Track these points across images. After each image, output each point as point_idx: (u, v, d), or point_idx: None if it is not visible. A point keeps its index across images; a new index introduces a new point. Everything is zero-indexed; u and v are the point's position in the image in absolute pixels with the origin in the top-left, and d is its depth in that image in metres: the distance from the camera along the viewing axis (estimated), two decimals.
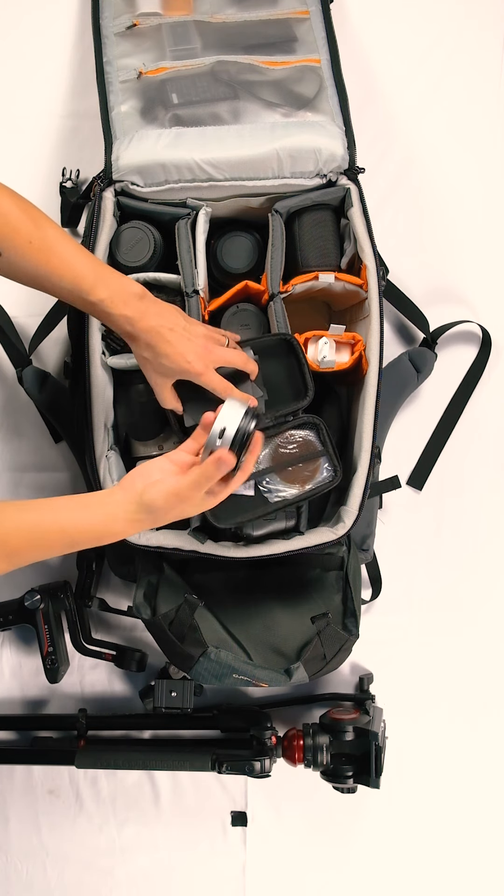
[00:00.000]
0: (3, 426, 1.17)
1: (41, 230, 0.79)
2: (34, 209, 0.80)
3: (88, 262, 0.81)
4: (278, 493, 0.91)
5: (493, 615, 1.15)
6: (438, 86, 1.22)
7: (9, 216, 0.77)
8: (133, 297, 0.82)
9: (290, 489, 0.92)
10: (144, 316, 0.82)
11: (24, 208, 0.79)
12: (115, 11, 1.09)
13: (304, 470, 0.92)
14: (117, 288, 0.82)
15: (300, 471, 0.92)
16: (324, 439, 0.93)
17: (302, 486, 0.92)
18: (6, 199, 0.77)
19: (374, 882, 1.13)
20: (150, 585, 0.99)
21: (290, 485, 0.92)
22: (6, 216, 0.77)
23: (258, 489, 0.92)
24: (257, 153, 0.99)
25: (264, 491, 0.92)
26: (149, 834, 1.14)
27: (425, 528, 1.16)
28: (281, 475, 0.92)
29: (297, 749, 1.02)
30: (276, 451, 0.92)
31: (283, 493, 0.92)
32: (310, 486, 0.92)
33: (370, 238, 0.99)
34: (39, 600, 1.05)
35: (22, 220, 0.78)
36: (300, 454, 0.92)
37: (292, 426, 0.93)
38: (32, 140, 1.21)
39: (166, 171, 1.00)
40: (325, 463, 0.92)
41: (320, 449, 0.93)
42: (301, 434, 0.93)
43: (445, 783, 1.13)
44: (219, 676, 0.93)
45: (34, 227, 0.78)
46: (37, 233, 0.78)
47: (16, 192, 0.80)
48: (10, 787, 1.14)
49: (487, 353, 1.16)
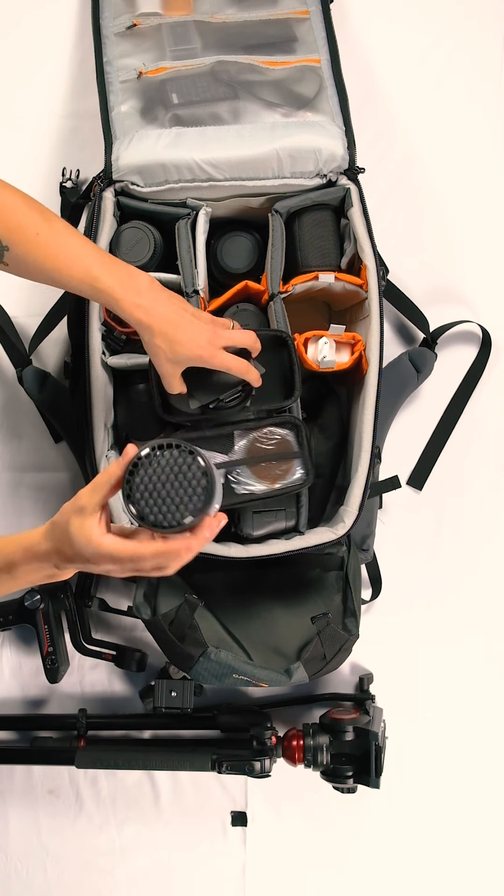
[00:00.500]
0: (3, 426, 1.17)
1: (48, 222, 0.79)
2: (39, 204, 0.80)
3: (96, 253, 0.81)
4: (246, 487, 0.91)
5: (494, 615, 1.15)
6: (438, 86, 1.22)
7: (15, 210, 0.77)
8: (143, 286, 0.82)
9: (259, 485, 0.91)
10: (155, 304, 0.82)
11: (29, 203, 0.79)
12: (115, 11, 1.09)
13: (277, 468, 0.92)
14: (125, 277, 0.82)
15: (273, 468, 0.92)
16: (301, 441, 0.92)
17: (272, 483, 0.91)
18: (11, 194, 0.77)
19: (374, 882, 1.13)
20: (151, 585, 0.99)
21: (260, 480, 0.91)
22: (12, 210, 0.77)
23: (227, 479, 0.91)
24: (257, 153, 0.99)
25: (233, 482, 0.91)
26: (149, 834, 1.14)
27: (425, 528, 1.16)
28: (252, 469, 0.91)
29: (297, 749, 1.02)
30: (253, 444, 0.91)
31: (251, 487, 0.91)
32: (279, 485, 0.91)
33: (370, 238, 0.99)
34: (39, 600, 1.05)
35: (28, 214, 0.78)
36: (276, 452, 0.91)
37: (273, 423, 0.93)
38: (32, 140, 1.21)
39: (166, 171, 1.00)
40: (299, 465, 0.92)
41: (296, 450, 0.92)
42: (280, 432, 0.93)
43: (445, 783, 1.13)
44: (219, 676, 0.94)
45: (41, 220, 0.78)
46: (44, 224, 0.78)
47: (19, 189, 0.80)
48: (10, 787, 1.14)
49: (487, 353, 1.16)
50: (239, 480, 0.91)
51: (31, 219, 0.78)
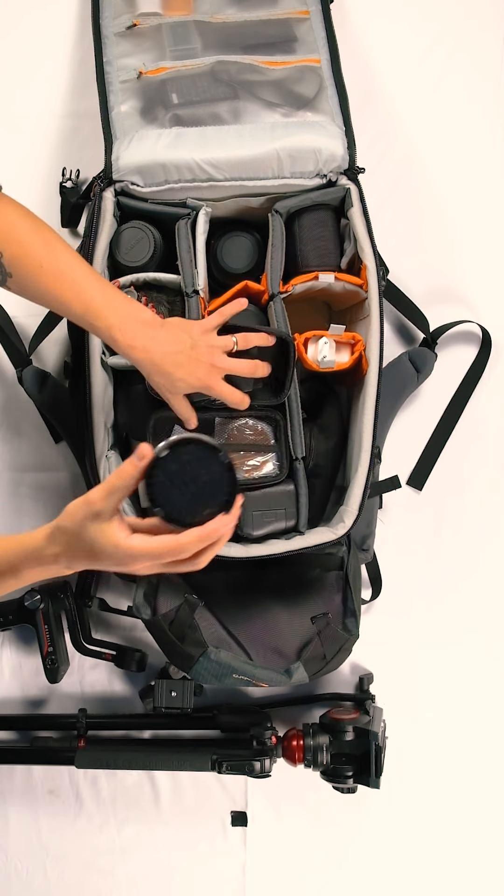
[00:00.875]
0: (3, 426, 1.17)
1: (52, 253, 0.78)
2: (45, 229, 0.80)
3: (98, 287, 0.81)
4: None
5: (494, 615, 1.15)
6: (438, 86, 1.22)
7: (21, 240, 0.77)
8: (141, 325, 0.82)
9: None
10: (154, 343, 0.82)
11: (35, 228, 0.78)
12: (115, 11, 1.09)
13: (252, 459, 0.92)
14: (126, 314, 0.81)
15: (249, 458, 0.92)
16: (279, 436, 0.93)
17: (247, 474, 0.92)
18: (19, 219, 0.77)
19: (374, 882, 1.13)
20: (151, 585, 0.99)
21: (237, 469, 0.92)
22: (19, 241, 0.76)
23: None
24: (257, 153, 0.99)
25: None
26: (149, 834, 1.14)
27: (425, 528, 1.16)
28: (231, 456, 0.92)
29: (297, 749, 1.02)
30: (232, 432, 0.92)
31: None
32: (252, 477, 0.91)
33: (370, 238, 0.99)
34: (39, 600, 1.05)
35: (33, 243, 0.77)
36: (253, 443, 0.92)
37: (255, 415, 0.93)
38: (32, 140, 1.21)
39: (166, 171, 1.00)
40: (274, 459, 0.92)
41: (272, 444, 0.93)
42: (260, 425, 0.93)
43: (445, 783, 1.13)
44: (219, 676, 0.94)
45: (45, 251, 0.78)
46: (48, 257, 0.78)
47: (26, 209, 0.79)
48: (10, 787, 1.14)
49: (487, 353, 1.16)
50: None
51: (35, 249, 0.77)
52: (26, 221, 0.78)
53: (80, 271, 0.81)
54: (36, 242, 0.77)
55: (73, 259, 0.81)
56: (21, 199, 1.20)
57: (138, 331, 0.81)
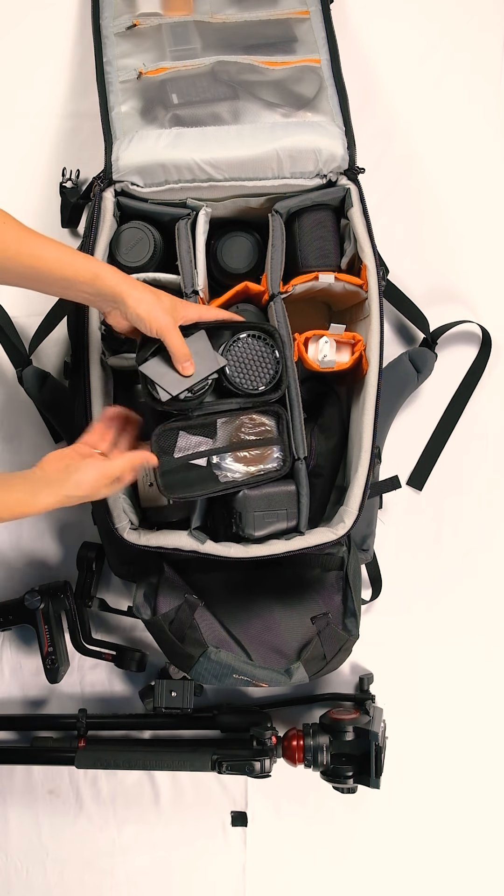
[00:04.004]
0: (3, 426, 1.17)
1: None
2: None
3: (65, 250, 0.81)
4: (229, 474, 0.91)
5: (494, 615, 1.15)
6: (438, 86, 1.22)
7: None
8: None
9: (239, 471, 0.92)
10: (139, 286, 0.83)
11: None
12: (115, 11, 1.09)
13: (257, 454, 0.92)
14: (100, 263, 0.83)
15: (253, 454, 0.93)
16: (281, 430, 0.93)
17: (251, 469, 0.92)
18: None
19: (373, 882, 1.13)
20: (151, 585, 0.99)
21: (241, 466, 0.92)
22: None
23: (210, 464, 0.91)
24: (257, 153, 0.99)
25: (215, 468, 0.91)
26: (149, 834, 1.14)
27: (425, 528, 1.16)
28: (234, 456, 0.92)
29: (297, 749, 1.02)
30: (235, 431, 0.92)
31: (232, 474, 0.91)
32: (256, 469, 0.92)
33: (370, 238, 0.99)
34: (39, 600, 1.05)
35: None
36: (257, 438, 0.92)
37: (256, 410, 0.93)
38: (32, 140, 1.21)
39: (166, 171, 1.00)
40: (277, 452, 0.93)
41: (276, 436, 0.93)
42: (263, 420, 0.93)
43: (445, 783, 1.14)
44: (219, 676, 0.94)
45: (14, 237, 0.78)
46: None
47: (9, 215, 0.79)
48: (10, 787, 1.14)
49: (487, 353, 1.16)
50: (221, 467, 0.91)
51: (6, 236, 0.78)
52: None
53: (43, 241, 0.79)
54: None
55: (22, 230, 0.79)
56: (21, 199, 1.21)
57: (117, 272, 0.83)
